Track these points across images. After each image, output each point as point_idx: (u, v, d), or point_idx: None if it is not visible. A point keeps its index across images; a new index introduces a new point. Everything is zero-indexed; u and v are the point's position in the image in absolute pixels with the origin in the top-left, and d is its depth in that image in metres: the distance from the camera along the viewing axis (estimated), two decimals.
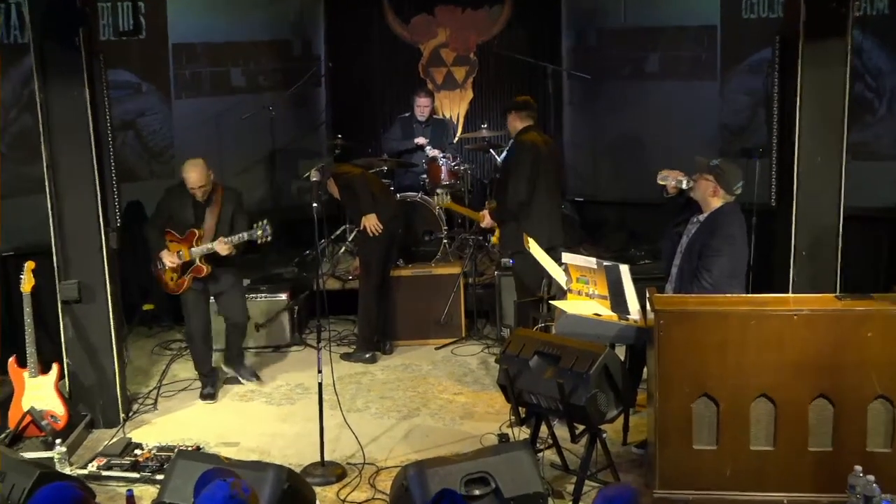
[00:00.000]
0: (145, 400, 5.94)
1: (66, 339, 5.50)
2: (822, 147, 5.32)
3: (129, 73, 7.30)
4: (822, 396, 4.19)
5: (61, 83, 5.23)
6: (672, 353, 4.24)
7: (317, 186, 5.70)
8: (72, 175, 5.34)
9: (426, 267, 7.11)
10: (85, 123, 5.29)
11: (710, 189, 4.83)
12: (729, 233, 4.77)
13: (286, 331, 6.97)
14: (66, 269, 5.41)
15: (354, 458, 5.07)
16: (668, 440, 4.30)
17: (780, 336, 4.18)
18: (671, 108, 7.88)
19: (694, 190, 4.89)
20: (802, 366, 4.17)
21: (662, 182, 5.04)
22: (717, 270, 4.71)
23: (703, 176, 4.85)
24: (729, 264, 4.75)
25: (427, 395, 6.01)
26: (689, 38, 7.76)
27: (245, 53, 8.11)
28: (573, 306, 5.06)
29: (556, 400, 4.34)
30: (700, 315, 4.30)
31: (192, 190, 5.76)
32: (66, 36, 5.17)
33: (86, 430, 5.48)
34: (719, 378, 4.22)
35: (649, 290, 4.52)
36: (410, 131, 7.86)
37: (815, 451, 4.21)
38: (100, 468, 4.94)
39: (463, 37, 8.80)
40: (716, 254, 4.72)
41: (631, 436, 5.14)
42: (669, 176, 5.00)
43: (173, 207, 5.89)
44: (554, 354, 4.46)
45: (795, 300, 4.63)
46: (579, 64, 8.41)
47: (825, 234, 5.35)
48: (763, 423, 4.23)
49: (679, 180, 4.96)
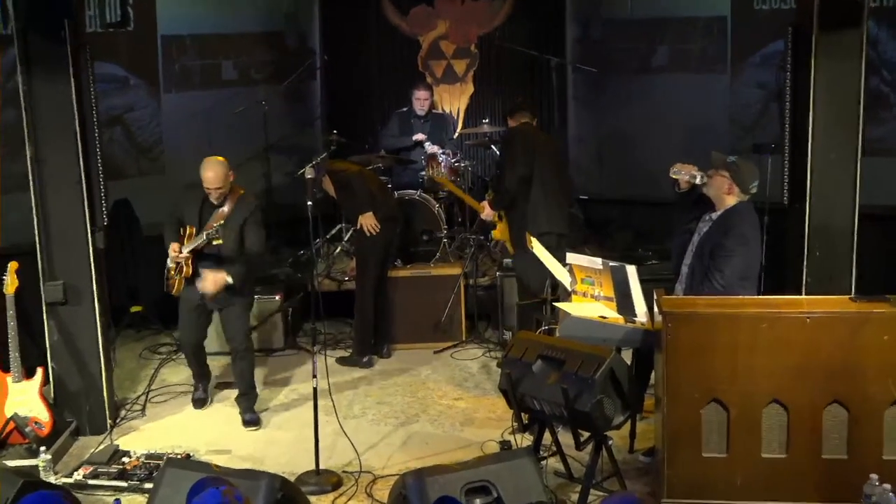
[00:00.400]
0: (133, 406, 5.94)
1: (51, 342, 5.51)
2: (837, 143, 5.33)
3: (116, 67, 7.31)
4: (836, 402, 4.20)
5: (46, 76, 5.24)
6: (680, 357, 4.25)
7: (312, 184, 5.71)
8: (57, 172, 5.34)
9: (425, 267, 7.12)
10: (71, 118, 5.29)
11: (726, 186, 4.84)
12: (742, 232, 4.78)
13: (280, 334, 6.97)
14: (51, 270, 5.42)
15: (351, 466, 5.08)
16: (677, 447, 4.31)
17: (792, 339, 4.18)
18: (679, 103, 7.89)
19: (708, 186, 4.90)
20: (816, 370, 4.18)
21: (675, 176, 5.02)
22: (729, 271, 4.72)
23: (718, 172, 4.86)
24: (741, 265, 4.77)
25: (426, 401, 6.02)
26: (699, 30, 7.77)
27: (237, 46, 8.11)
28: (578, 308, 5.07)
29: (560, 406, 4.35)
30: (710, 317, 4.31)
31: (207, 190, 5.59)
32: (52, 27, 5.18)
33: (71, 437, 5.49)
34: (729, 383, 4.23)
35: (657, 292, 4.53)
36: (409, 126, 7.87)
37: (829, 459, 4.22)
38: (86, 477, 4.95)
39: (463, 28, 8.81)
40: (729, 254, 4.74)
41: (638, 443, 5.14)
42: (683, 170, 4.99)
43: (181, 205, 5.73)
44: (558, 358, 4.47)
45: (809, 302, 4.64)
46: (584, 57, 8.42)
47: (839, 233, 5.36)
48: (775, 430, 4.24)
49: (693, 175, 4.94)
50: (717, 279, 4.72)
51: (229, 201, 5.64)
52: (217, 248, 5.57)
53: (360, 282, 6.70)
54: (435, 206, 7.38)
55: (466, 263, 7.17)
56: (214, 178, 5.54)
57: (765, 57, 7.34)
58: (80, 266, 5.42)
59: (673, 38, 7.96)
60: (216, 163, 5.60)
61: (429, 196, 7.42)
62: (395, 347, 6.91)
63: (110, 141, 7.19)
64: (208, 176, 5.55)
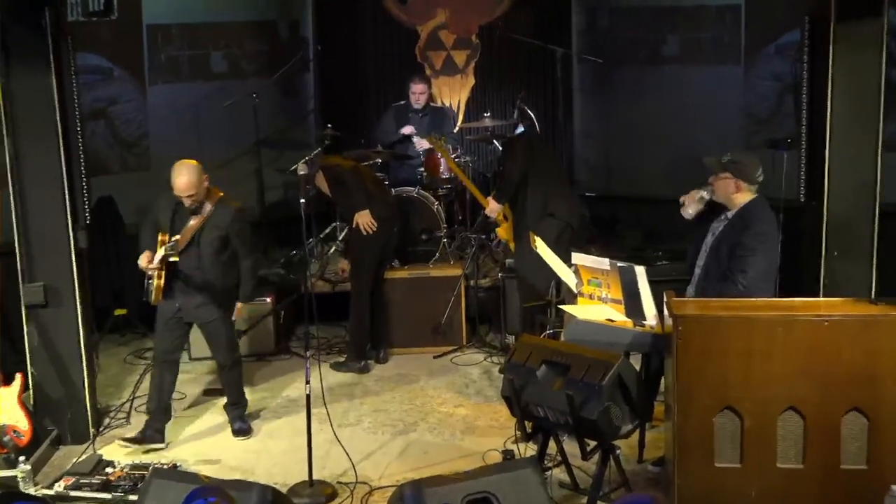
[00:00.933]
0: (117, 413, 5.93)
1: (31, 346, 5.50)
2: (856, 138, 5.32)
3: (99, 57, 7.31)
4: (855, 409, 4.18)
5: (25, 67, 5.22)
6: (692, 362, 4.24)
7: (305, 181, 5.70)
8: (37, 168, 5.33)
9: (424, 268, 7.12)
10: (51, 111, 5.28)
11: (732, 187, 4.85)
12: (761, 230, 4.80)
13: (271, 338, 6.97)
14: (31, 271, 5.40)
15: (345, 476, 5.06)
16: (688, 457, 4.30)
17: (809, 344, 4.17)
18: (691, 95, 7.89)
19: (715, 194, 4.91)
20: (834, 376, 4.16)
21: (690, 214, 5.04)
22: (752, 271, 4.74)
23: (718, 177, 4.88)
24: (763, 264, 4.79)
25: (425, 408, 6.01)
26: (711, 19, 7.77)
27: (226, 35, 8.11)
28: (584, 311, 5.07)
29: (566, 413, 4.35)
30: (722, 321, 4.30)
31: (179, 197, 5.34)
32: (31, 15, 5.17)
33: (52, 446, 5.47)
34: (743, 389, 4.22)
35: (667, 294, 4.52)
36: (406, 121, 7.87)
37: (848, 470, 4.21)
38: (67, 488, 4.92)
39: (464, 18, 8.80)
40: (750, 253, 4.74)
41: (647, 452, 5.13)
42: (690, 201, 5.03)
43: (157, 209, 5.48)
44: (563, 364, 4.47)
45: (826, 305, 4.63)
46: (590, 47, 8.42)
47: (859, 232, 5.35)
48: (791, 439, 4.23)
49: (700, 197, 4.98)
50: (741, 280, 4.72)
51: (207, 205, 5.41)
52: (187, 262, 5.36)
53: (356, 283, 6.69)
54: (434, 203, 7.38)
55: (467, 264, 7.16)
56: (187, 185, 5.27)
57: (780, 47, 7.34)
58: (62, 267, 5.41)
59: (684, 26, 7.96)
60: (188, 167, 5.31)
61: (428, 193, 7.42)
62: (393, 352, 6.91)
63: (93, 135, 7.19)
64: (180, 182, 5.27)
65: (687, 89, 7.93)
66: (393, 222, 6.81)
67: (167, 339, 5.57)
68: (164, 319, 5.55)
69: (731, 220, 4.88)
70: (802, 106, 5.78)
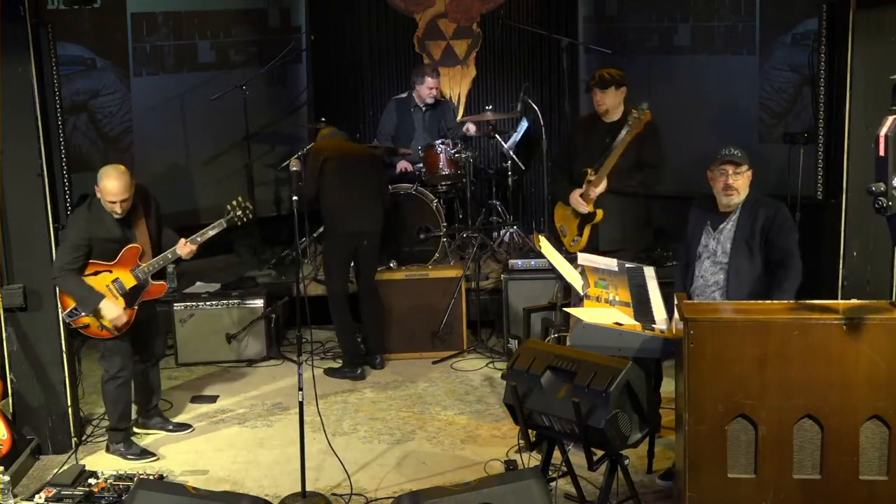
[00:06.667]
0: (101, 422, 5.94)
1: (10, 352, 5.52)
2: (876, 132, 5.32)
3: (81, 48, 7.32)
4: (875, 418, 4.19)
5: (3, 58, 5.23)
6: (704, 368, 4.25)
7: (297, 177, 5.69)
8: (15, 164, 5.35)
9: (422, 269, 7.13)
10: (31, 104, 5.30)
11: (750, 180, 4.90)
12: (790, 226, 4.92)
13: (262, 342, 6.99)
14: (10, 272, 5.43)
15: (340, 488, 5.08)
16: (700, 468, 4.31)
17: (827, 349, 4.18)
18: (703, 87, 7.88)
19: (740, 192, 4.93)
20: (853, 383, 4.17)
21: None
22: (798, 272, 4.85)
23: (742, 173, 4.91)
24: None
25: (423, 417, 6.02)
26: (725, 6, 7.77)
27: (214, 24, 8.12)
28: (590, 314, 5.08)
29: (571, 422, 4.36)
30: (736, 325, 4.31)
31: (110, 204, 5.19)
32: (9, 3, 5.17)
33: (32, 456, 5.49)
34: (758, 397, 4.23)
35: (678, 296, 4.54)
36: (408, 116, 7.87)
37: (868, 481, 4.22)
38: (48, 500, 4.94)
39: (464, 5, 8.81)
40: (794, 255, 4.87)
41: (657, 463, 5.15)
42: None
43: (94, 232, 5.27)
44: (569, 370, 4.47)
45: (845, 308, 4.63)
46: (598, 36, 8.42)
47: (879, 231, 5.35)
48: (808, 449, 4.24)
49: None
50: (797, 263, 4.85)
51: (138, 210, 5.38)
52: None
53: (327, 285, 6.73)
54: (433, 201, 7.37)
55: (468, 265, 7.17)
56: (122, 188, 5.17)
57: (797, 36, 7.33)
58: (42, 268, 5.42)
59: (696, 14, 7.95)
60: (119, 171, 5.22)
61: (426, 190, 7.41)
62: (390, 357, 6.92)
63: (74, 130, 7.21)
64: (114, 186, 5.15)
65: (699, 80, 7.92)
66: (361, 237, 6.58)
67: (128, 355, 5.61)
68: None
69: (740, 214, 4.92)
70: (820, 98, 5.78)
